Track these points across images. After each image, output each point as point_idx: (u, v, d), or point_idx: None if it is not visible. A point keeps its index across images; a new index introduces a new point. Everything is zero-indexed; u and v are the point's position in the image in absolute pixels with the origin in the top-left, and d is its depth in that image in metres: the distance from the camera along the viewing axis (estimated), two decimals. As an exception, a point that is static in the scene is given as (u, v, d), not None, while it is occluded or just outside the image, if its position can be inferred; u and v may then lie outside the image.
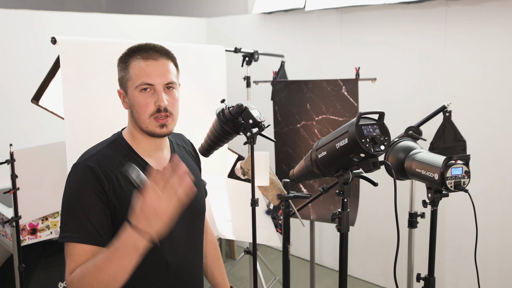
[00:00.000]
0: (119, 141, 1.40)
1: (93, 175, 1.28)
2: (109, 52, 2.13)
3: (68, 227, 1.26)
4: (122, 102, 1.41)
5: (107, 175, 1.29)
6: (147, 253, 1.30)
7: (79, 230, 1.24)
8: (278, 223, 2.69)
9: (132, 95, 1.34)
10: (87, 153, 1.36)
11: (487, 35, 2.84)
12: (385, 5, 3.25)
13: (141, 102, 1.33)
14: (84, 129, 2.06)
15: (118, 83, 1.41)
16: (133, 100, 1.34)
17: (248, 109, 1.78)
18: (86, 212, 1.26)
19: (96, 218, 1.26)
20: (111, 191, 1.29)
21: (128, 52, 1.38)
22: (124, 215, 1.27)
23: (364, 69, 3.18)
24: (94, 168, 1.29)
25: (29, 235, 2.65)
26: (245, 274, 3.78)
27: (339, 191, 1.46)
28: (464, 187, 1.60)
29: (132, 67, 1.34)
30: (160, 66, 1.35)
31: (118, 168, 1.32)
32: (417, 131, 2.09)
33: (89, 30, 3.68)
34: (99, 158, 1.32)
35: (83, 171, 1.29)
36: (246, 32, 4.21)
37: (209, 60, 2.74)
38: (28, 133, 3.35)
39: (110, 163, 1.32)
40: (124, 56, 1.38)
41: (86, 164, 1.30)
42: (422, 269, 1.99)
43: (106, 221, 1.28)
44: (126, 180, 1.31)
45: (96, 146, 1.39)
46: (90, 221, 1.25)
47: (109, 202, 1.28)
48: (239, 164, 2.15)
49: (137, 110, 1.34)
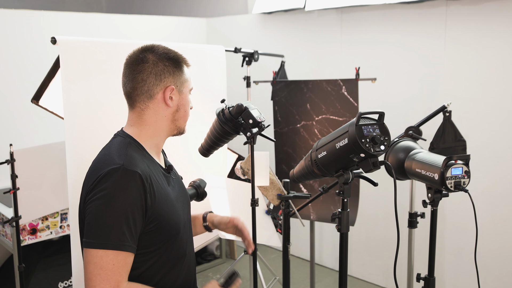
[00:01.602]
0: (133, 143, 1.40)
1: (139, 180, 1.28)
2: (109, 52, 2.13)
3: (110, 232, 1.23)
4: (167, 100, 1.41)
5: (146, 178, 1.31)
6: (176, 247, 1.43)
7: (124, 238, 1.24)
8: (278, 223, 2.69)
9: (186, 96, 1.47)
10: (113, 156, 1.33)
11: (487, 35, 2.84)
12: (385, 5, 3.25)
13: (189, 104, 1.49)
14: (84, 129, 2.05)
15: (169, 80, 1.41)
16: (187, 101, 1.47)
17: (248, 109, 1.78)
18: (131, 220, 1.26)
19: (136, 226, 1.28)
20: (150, 194, 1.32)
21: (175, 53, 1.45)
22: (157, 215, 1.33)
23: (364, 69, 3.18)
24: (138, 173, 1.29)
25: (29, 235, 2.65)
26: (245, 274, 3.78)
27: (339, 191, 1.46)
28: (464, 187, 1.60)
29: (186, 72, 1.46)
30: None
31: (147, 169, 1.35)
32: (417, 131, 2.09)
33: (89, 30, 3.68)
34: (136, 161, 1.32)
35: (129, 176, 1.27)
36: (246, 32, 4.21)
37: (209, 60, 2.74)
38: (28, 133, 3.35)
39: (142, 164, 1.34)
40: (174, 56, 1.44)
41: (129, 168, 1.28)
42: (422, 269, 1.99)
43: (140, 230, 1.31)
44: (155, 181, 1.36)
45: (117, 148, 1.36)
46: (133, 229, 1.27)
47: (147, 207, 1.31)
48: (239, 164, 2.15)
49: (186, 110, 1.47)
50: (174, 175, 1.53)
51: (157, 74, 1.39)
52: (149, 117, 1.41)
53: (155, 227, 1.33)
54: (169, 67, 1.41)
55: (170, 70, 1.41)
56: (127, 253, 1.25)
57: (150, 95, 1.39)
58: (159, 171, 1.43)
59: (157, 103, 1.41)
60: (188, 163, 2.45)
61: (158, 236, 1.35)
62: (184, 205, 1.52)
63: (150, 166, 1.37)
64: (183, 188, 1.58)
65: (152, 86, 1.39)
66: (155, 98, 1.40)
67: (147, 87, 1.39)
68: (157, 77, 1.39)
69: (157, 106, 1.41)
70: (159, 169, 1.44)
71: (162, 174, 1.44)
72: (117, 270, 1.23)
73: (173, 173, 1.53)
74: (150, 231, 1.32)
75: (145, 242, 1.32)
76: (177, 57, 1.44)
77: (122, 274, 1.24)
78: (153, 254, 1.36)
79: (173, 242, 1.41)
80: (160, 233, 1.35)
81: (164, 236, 1.37)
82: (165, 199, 1.38)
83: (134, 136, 1.42)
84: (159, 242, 1.36)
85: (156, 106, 1.41)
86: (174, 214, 1.40)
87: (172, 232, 1.39)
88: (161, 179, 1.41)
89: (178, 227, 1.42)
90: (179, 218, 1.43)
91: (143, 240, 1.32)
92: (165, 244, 1.38)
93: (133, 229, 1.26)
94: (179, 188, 1.52)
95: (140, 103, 1.40)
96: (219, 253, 4.02)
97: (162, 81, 1.40)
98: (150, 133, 1.43)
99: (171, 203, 1.40)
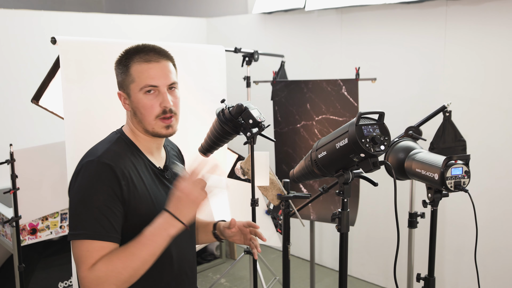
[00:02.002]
0: (123, 139, 1.41)
1: (110, 172, 1.28)
2: (109, 52, 2.13)
3: (83, 224, 1.25)
4: (123, 104, 1.41)
5: (122, 172, 1.30)
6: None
7: (96, 227, 1.24)
8: (278, 223, 2.69)
9: (136, 97, 1.36)
10: (96, 150, 1.35)
11: (487, 35, 2.84)
12: (385, 5, 3.25)
13: (147, 104, 1.36)
14: (84, 129, 2.05)
15: (118, 85, 1.42)
16: (138, 102, 1.36)
17: (248, 109, 1.78)
18: (104, 209, 1.26)
19: (113, 215, 1.27)
20: (126, 187, 1.30)
21: (126, 54, 1.38)
22: (135, 211, 1.31)
23: (364, 69, 3.18)
24: (111, 165, 1.29)
25: (29, 235, 2.65)
26: (245, 274, 3.78)
27: (339, 191, 1.46)
28: (464, 187, 1.60)
29: (134, 70, 1.36)
30: (162, 67, 1.37)
31: (129, 165, 1.34)
32: (417, 131, 2.09)
33: (89, 30, 3.68)
34: (113, 155, 1.32)
35: (100, 168, 1.28)
36: (246, 32, 4.21)
37: (209, 60, 2.74)
38: (28, 133, 3.35)
39: (123, 160, 1.34)
40: (124, 58, 1.38)
41: (103, 161, 1.29)
42: (422, 269, 1.99)
43: (120, 218, 1.29)
44: (137, 178, 1.34)
45: (103, 144, 1.38)
46: (108, 218, 1.26)
47: (124, 199, 1.30)
48: (239, 164, 2.15)
49: (142, 112, 1.37)
50: (170, 175, 1.49)
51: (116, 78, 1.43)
52: (127, 118, 1.45)
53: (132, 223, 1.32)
54: (118, 71, 1.40)
55: (119, 74, 1.40)
56: (102, 242, 1.24)
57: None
58: (148, 170, 1.41)
59: (123, 107, 1.44)
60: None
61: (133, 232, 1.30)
62: None
63: (135, 163, 1.36)
64: None
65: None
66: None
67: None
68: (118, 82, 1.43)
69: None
70: (149, 167, 1.41)
71: (152, 173, 1.42)
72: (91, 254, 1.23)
73: (170, 173, 1.49)
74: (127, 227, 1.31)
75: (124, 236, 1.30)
76: (123, 56, 1.39)
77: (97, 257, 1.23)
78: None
79: None
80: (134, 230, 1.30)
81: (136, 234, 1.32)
82: (148, 196, 1.35)
83: (126, 132, 1.43)
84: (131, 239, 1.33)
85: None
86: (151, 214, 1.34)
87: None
88: (148, 178, 1.39)
89: None
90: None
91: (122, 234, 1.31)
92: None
93: (111, 219, 1.26)
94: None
95: None
96: (219, 253, 4.02)
97: (118, 85, 1.43)
98: (133, 132, 1.43)
99: (151, 202, 1.36)
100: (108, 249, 1.25)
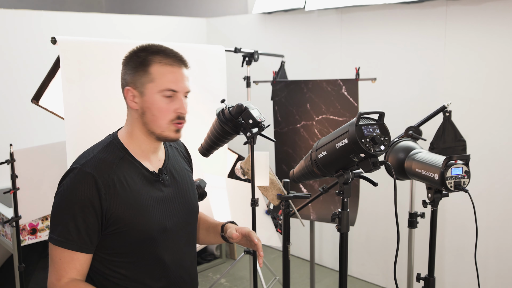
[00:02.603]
0: (115, 143, 1.38)
1: (90, 182, 1.28)
2: (109, 52, 2.13)
3: (58, 229, 1.27)
4: (130, 102, 1.36)
5: (104, 180, 1.29)
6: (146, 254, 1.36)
7: (69, 236, 1.27)
8: (278, 223, 2.69)
9: (152, 98, 1.33)
10: (83, 157, 1.35)
11: (487, 35, 2.84)
12: (385, 5, 3.25)
13: (163, 108, 1.33)
14: (84, 129, 2.05)
15: (127, 81, 1.36)
16: (152, 103, 1.33)
17: (248, 109, 1.78)
18: (79, 219, 1.27)
19: (87, 226, 1.27)
20: (107, 196, 1.29)
21: (145, 51, 1.35)
22: (117, 218, 1.30)
23: (364, 69, 3.18)
24: (91, 174, 1.28)
25: (29, 235, 2.65)
26: (245, 274, 3.78)
27: (339, 191, 1.46)
28: (464, 187, 1.60)
29: (155, 70, 1.32)
30: (183, 74, 1.37)
31: (115, 172, 1.32)
32: (417, 131, 2.09)
33: (89, 30, 3.68)
34: (96, 163, 1.31)
35: (80, 177, 1.29)
36: (246, 32, 4.21)
37: (209, 60, 2.74)
38: (28, 133, 3.35)
39: (107, 167, 1.32)
40: (141, 55, 1.34)
41: (84, 170, 1.29)
42: (422, 269, 1.99)
43: (96, 230, 1.29)
44: (121, 186, 1.32)
45: (92, 149, 1.38)
46: (83, 228, 1.27)
47: (102, 209, 1.29)
48: (239, 164, 2.15)
49: (154, 114, 1.33)
50: (166, 179, 1.43)
51: (122, 75, 1.38)
52: (128, 118, 1.41)
53: (118, 230, 1.30)
54: (131, 67, 1.35)
55: (132, 68, 1.35)
56: (72, 252, 1.27)
57: (123, 95, 1.39)
58: (139, 174, 1.37)
59: (128, 104, 1.38)
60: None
61: (124, 239, 1.31)
62: (174, 210, 1.43)
63: (124, 168, 1.34)
64: (184, 193, 1.49)
65: (122, 86, 1.38)
66: (125, 99, 1.38)
67: (121, 86, 1.39)
68: (123, 76, 1.38)
69: (129, 108, 1.39)
70: (140, 172, 1.37)
71: (143, 178, 1.37)
72: (62, 264, 1.27)
73: (166, 177, 1.44)
74: (113, 233, 1.31)
75: (110, 243, 1.32)
76: (142, 53, 1.35)
77: (67, 269, 1.27)
78: (123, 256, 1.34)
79: (145, 247, 1.35)
80: (126, 236, 1.31)
81: (134, 239, 1.33)
82: (132, 202, 1.32)
83: (121, 137, 1.40)
84: (128, 245, 1.33)
85: (129, 107, 1.39)
86: (143, 219, 1.33)
87: (141, 237, 1.34)
88: (138, 182, 1.35)
89: (150, 233, 1.35)
90: (153, 223, 1.35)
91: (108, 241, 1.31)
92: (136, 248, 1.34)
93: (84, 229, 1.26)
94: (173, 193, 1.44)
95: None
96: (219, 253, 4.02)
97: (125, 80, 1.37)
98: (129, 134, 1.39)
99: (141, 207, 1.34)
100: (77, 260, 1.28)
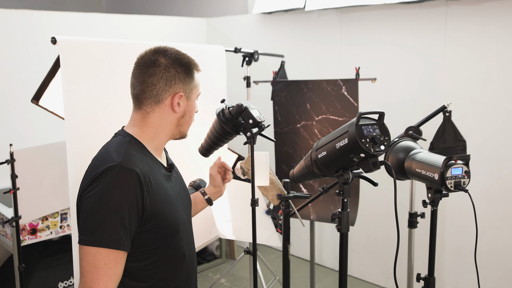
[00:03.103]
0: (135, 142, 1.39)
1: (135, 179, 1.27)
2: (109, 52, 2.13)
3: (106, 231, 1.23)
4: (174, 106, 1.40)
5: (143, 177, 1.30)
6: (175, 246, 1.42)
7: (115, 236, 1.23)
8: (278, 223, 2.69)
9: (194, 103, 1.48)
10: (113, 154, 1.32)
11: (487, 35, 2.84)
12: (385, 5, 3.25)
13: (195, 110, 1.50)
14: (84, 129, 2.05)
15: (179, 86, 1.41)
16: (193, 107, 1.48)
17: (248, 109, 1.78)
18: (125, 218, 1.25)
19: (131, 224, 1.27)
20: (148, 192, 1.30)
21: (188, 60, 1.45)
22: (154, 214, 1.33)
23: (364, 69, 3.18)
24: (135, 171, 1.28)
25: (29, 235, 2.65)
26: (245, 274, 3.78)
27: (339, 191, 1.46)
28: (464, 187, 1.60)
29: (196, 78, 1.47)
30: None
31: (147, 168, 1.34)
32: (417, 131, 2.09)
33: (89, 30, 3.68)
34: (134, 159, 1.31)
35: (125, 174, 1.27)
36: (246, 32, 4.21)
37: (209, 60, 2.74)
38: (28, 133, 3.35)
39: (142, 163, 1.33)
40: (189, 63, 1.44)
41: (126, 166, 1.27)
42: (422, 269, 2.00)
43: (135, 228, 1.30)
44: (155, 181, 1.35)
45: (118, 147, 1.35)
46: (126, 227, 1.26)
47: (144, 206, 1.30)
48: (239, 164, 2.15)
49: (191, 116, 1.48)
50: (175, 174, 1.53)
51: (167, 79, 1.38)
52: (154, 120, 1.41)
53: (153, 226, 1.33)
54: (180, 73, 1.40)
55: (181, 76, 1.40)
56: (119, 252, 1.25)
57: (158, 99, 1.38)
58: (160, 170, 1.42)
59: (164, 108, 1.40)
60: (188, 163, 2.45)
61: (156, 234, 1.35)
62: (184, 204, 1.51)
63: (150, 165, 1.37)
64: (185, 187, 1.58)
65: (161, 92, 1.38)
66: (162, 103, 1.39)
67: (156, 92, 1.38)
68: (168, 83, 1.38)
69: (163, 111, 1.40)
70: (160, 167, 1.43)
71: (163, 172, 1.44)
72: (108, 270, 1.23)
73: (175, 171, 1.53)
74: (148, 230, 1.32)
75: (143, 240, 1.32)
76: (189, 63, 1.44)
77: (112, 276, 1.24)
78: (153, 253, 1.36)
79: (172, 241, 1.40)
80: (158, 232, 1.35)
81: (163, 234, 1.37)
82: (165, 197, 1.37)
83: (136, 136, 1.41)
84: (157, 240, 1.36)
85: (162, 111, 1.40)
86: (173, 213, 1.40)
87: (170, 230, 1.39)
88: (161, 178, 1.40)
89: (177, 226, 1.42)
90: (179, 217, 1.43)
91: (141, 238, 1.32)
92: (164, 243, 1.38)
93: (128, 228, 1.26)
94: (180, 187, 1.52)
95: (147, 106, 1.39)
96: (219, 253, 4.02)
97: (172, 87, 1.39)
98: (152, 135, 1.42)
99: (170, 201, 1.40)
100: (121, 260, 1.26)
